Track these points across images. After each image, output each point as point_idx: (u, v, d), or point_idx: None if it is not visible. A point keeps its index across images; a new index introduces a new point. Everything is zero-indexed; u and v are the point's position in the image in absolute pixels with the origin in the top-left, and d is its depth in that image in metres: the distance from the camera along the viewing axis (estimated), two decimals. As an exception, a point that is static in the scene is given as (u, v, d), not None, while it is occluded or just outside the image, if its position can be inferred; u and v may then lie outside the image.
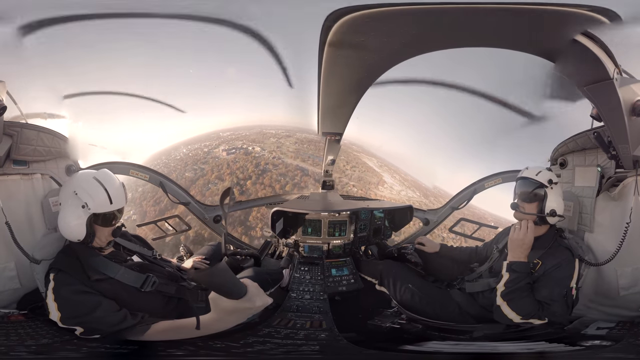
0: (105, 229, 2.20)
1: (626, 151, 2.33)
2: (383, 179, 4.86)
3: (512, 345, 2.32)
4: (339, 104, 2.91)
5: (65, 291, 2.04)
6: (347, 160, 4.88)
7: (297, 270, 2.90)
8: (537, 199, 2.43)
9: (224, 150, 4.47)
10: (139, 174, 3.03)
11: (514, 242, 2.39)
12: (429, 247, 2.93)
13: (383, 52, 2.47)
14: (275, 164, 4.76)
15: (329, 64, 2.47)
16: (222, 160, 4.50)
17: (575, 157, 2.70)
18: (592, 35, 2.19)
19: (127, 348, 2.05)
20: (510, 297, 2.30)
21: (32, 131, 2.41)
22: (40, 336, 2.12)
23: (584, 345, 2.31)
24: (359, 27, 2.26)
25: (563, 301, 2.30)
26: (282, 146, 4.75)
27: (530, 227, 2.38)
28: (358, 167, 4.91)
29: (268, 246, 3.34)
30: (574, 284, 2.30)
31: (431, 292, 2.65)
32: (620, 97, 2.21)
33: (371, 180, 4.84)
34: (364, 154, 4.85)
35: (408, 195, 4.67)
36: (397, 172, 4.80)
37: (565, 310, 2.32)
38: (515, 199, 2.52)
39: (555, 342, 2.29)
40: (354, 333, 2.45)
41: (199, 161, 4.34)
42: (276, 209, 2.95)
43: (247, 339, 2.25)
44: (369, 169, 4.90)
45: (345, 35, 2.28)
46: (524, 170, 2.53)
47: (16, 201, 2.32)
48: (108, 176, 2.22)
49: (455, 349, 2.35)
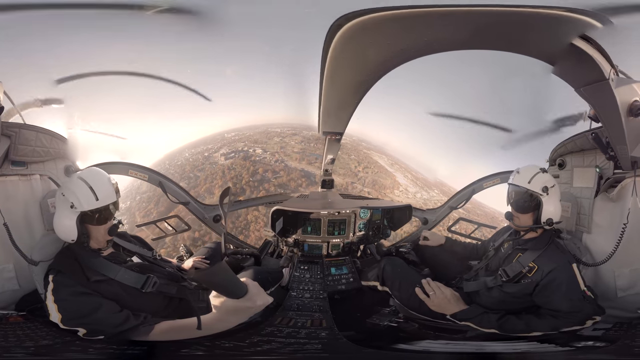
0: (100, 227, 2.19)
1: (624, 152, 2.33)
2: (397, 180, 4.70)
3: (500, 345, 2.33)
4: (340, 103, 2.89)
5: (65, 293, 2.04)
6: (359, 160, 4.72)
7: (297, 269, 2.90)
8: (532, 208, 2.40)
9: (222, 155, 4.36)
10: (138, 174, 3.02)
11: (438, 307, 2.43)
12: (434, 240, 2.93)
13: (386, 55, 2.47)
14: (275, 171, 4.54)
15: (331, 64, 2.47)
16: (218, 166, 4.38)
17: (574, 158, 2.70)
18: (588, 37, 2.19)
19: (138, 349, 2.06)
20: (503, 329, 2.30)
21: (31, 132, 2.39)
22: (40, 337, 2.12)
23: (575, 346, 2.31)
24: (363, 32, 2.25)
25: (584, 302, 2.27)
26: (286, 146, 4.57)
27: (433, 285, 2.44)
28: (370, 168, 4.74)
29: (268, 245, 3.34)
30: (583, 286, 2.28)
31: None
32: (617, 98, 2.21)
33: (385, 182, 4.69)
34: (374, 151, 4.70)
35: (424, 198, 4.51)
36: (407, 170, 4.67)
37: (592, 308, 2.28)
38: (508, 204, 2.50)
39: (547, 343, 2.29)
40: (353, 332, 2.46)
41: (196, 167, 4.24)
42: (276, 208, 2.96)
43: (252, 338, 2.26)
44: (381, 169, 4.74)
45: (349, 39, 2.28)
46: (515, 175, 2.45)
47: (15, 202, 2.31)
48: (93, 173, 2.22)
49: (448, 348, 2.36)
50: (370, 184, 4.74)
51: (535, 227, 2.41)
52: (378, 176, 4.74)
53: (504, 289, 2.40)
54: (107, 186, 2.19)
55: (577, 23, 2.18)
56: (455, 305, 2.45)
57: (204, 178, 4.27)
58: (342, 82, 2.66)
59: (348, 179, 4.14)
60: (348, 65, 2.51)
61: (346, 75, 2.59)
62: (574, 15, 2.16)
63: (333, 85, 2.66)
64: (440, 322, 2.50)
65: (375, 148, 4.66)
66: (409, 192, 4.62)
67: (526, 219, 2.42)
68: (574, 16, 2.16)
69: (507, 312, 2.37)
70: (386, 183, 4.71)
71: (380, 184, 4.72)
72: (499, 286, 2.41)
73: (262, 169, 4.54)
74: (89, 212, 2.13)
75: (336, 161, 4.05)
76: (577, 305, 2.26)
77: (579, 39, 2.20)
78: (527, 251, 2.40)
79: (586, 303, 2.27)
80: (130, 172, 3.00)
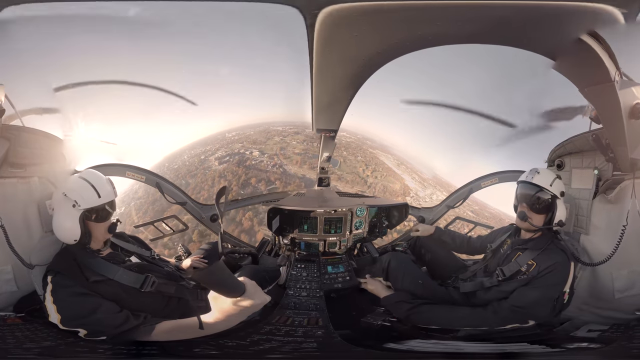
0: (101, 225, 2.25)
1: (624, 153, 2.31)
2: (406, 184, 4.56)
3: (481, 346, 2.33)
4: (333, 100, 2.84)
5: (64, 293, 2.07)
6: (366, 161, 4.57)
7: (294, 267, 2.92)
8: (548, 210, 2.40)
9: (216, 159, 4.23)
10: (135, 175, 3.04)
11: (372, 290, 2.69)
12: (424, 231, 2.97)
13: (378, 48, 2.41)
14: (270, 181, 4.32)
15: (320, 59, 2.42)
16: (210, 173, 4.26)
17: (573, 159, 2.67)
18: (598, 35, 2.14)
19: (147, 349, 2.09)
20: (409, 320, 2.43)
21: (30, 134, 2.42)
22: (40, 339, 2.16)
23: (566, 347, 2.31)
24: (350, 22, 2.20)
25: (551, 305, 2.30)
26: (286, 147, 4.39)
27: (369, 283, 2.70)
28: (379, 171, 4.60)
29: (265, 244, 3.36)
30: (567, 288, 2.30)
31: (436, 289, 2.66)
32: (620, 100, 2.18)
33: (394, 187, 4.55)
34: (379, 150, 4.58)
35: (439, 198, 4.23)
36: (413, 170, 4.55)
37: (548, 314, 2.32)
38: (517, 202, 2.48)
39: (537, 344, 2.30)
40: (348, 330, 2.48)
41: (190, 173, 4.17)
42: (272, 207, 2.97)
43: (252, 337, 2.29)
44: (389, 171, 4.61)
45: (335, 30, 2.23)
46: (535, 175, 2.44)
47: (13, 204, 2.33)
48: (93, 173, 2.31)
49: (437, 348, 2.37)
50: (381, 191, 4.61)
51: (547, 228, 2.40)
52: (387, 180, 4.61)
53: (501, 288, 2.40)
54: (107, 185, 2.29)
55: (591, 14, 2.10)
56: (382, 289, 2.68)
57: (193, 186, 4.20)
58: (333, 77, 2.60)
59: (358, 187, 4.01)
60: (337, 60, 2.45)
61: (336, 70, 2.54)
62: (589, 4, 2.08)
63: (323, 81, 2.61)
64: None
65: (380, 147, 4.54)
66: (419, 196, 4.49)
67: (540, 220, 2.42)
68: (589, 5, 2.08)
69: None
70: (396, 188, 4.58)
71: (390, 190, 4.59)
72: (496, 286, 2.41)
73: (254, 179, 4.38)
74: (90, 210, 2.19)
75: (343, 164, 3.99)
76: (541, 302, 2.29)
77: (587, 35, 2.15)
78: (527, 251, 2.40)
79: (550, 304, 2.29)
80: (127, 173, 3.02)
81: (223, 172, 4.30)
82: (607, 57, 2.16)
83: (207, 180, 4.23)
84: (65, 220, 2.18)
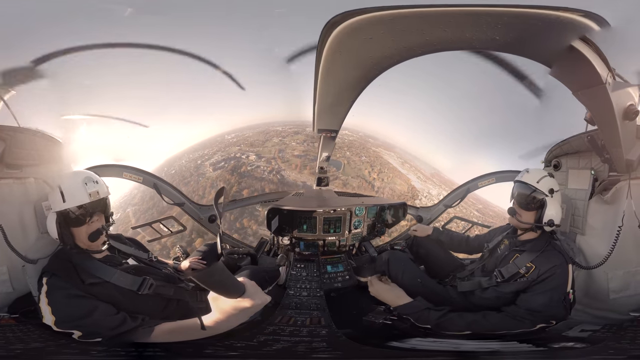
0: (79, 229, 2.19)
1: (619, 155, 2.34)
2: (412, 185, 4.46)
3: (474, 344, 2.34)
4: (335, 101, 2.86)
5: (59, 295, 2.04)
6: (370, 161, 4.47)
7: (294, 267, 2.92)
8: (536, 207, 2.41)
9: (211, 165, 4.07)
10: (133, 176, 3.01)
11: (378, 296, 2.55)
12: (421, 231, 2.98)
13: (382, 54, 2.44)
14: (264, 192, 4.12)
15: (327, 62, 2.43)
16: (203, 180, 4.10)
17: (569, 160, 2.70)
18: (588, 39, 2.16)
19: (148, 350, 2.07)
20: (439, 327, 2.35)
21: (26, 135, 2.40)
22: (31, 340, 2.13)
23: (550, 346, 2.33)
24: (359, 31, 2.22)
25: (562, 305, 2.30)
26: (286, 148, 4.25)
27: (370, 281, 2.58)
28: (384, 172, 4.50)
29: (264, 244, 3.35)
30: (570, 288, 2.31)
31: (435, 288, 2.66)
32: (613, 102, 2.20)
33: (402, 190, 4.45)
34: (382, 149, 4.50)
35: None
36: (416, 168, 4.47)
37: (564, 313, 2.32)
38: (512, 201, 2.51)
39: (525, 343, 2.31)
40: (351, 329, 2.49)
41: (183, 180, 4.03)
42: (271, 207, 2.96)
43: (258, 338, 2.28)
44: (395, 171, 4.52)
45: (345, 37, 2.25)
46: (525, 174, 2.48)
47: (9, 205, 2.31)
48: (68, 175, 2.26)
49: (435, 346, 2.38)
50: (389, 194, 4.52)
51: (536, 226, 2.41)
52: (394, 182, 4.51)
53: (499, 289, 2.41)
54: (76, 189, 2.18)
55: (577, 25, 2.15)
56: (394, 295, 2.52)
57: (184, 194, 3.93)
58: (338, 79, 2.61)
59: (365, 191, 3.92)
60: (344, 63, 2.47)
61: (342, 72, 2.55)
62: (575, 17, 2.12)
63: (328, 83, 2.62)
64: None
65: (383, 144, 4.46)
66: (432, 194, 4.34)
67: (529, 217, 2.43)
68: (574, 18, 2.12)
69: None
70: (403, 190, 4.49)
71: (398, 193, 4.48)
72: (494, 286, 2.42)
73: (247, 191, 4.16)
74: (59, 214, 2.16)
75: (347, 166, 3.97)
76: (552, 305, 2.30)
77: (578, 40, 2.18)
78: (525, 252, 2.40)
79: (562, 305, 2.30)
80: (124, 174, 2.99)
81: (216, 180, 4.12)
82: (598, 60, 2.17)
83: (198, 190, 4.07)
84: (49, 219, 2.19)
